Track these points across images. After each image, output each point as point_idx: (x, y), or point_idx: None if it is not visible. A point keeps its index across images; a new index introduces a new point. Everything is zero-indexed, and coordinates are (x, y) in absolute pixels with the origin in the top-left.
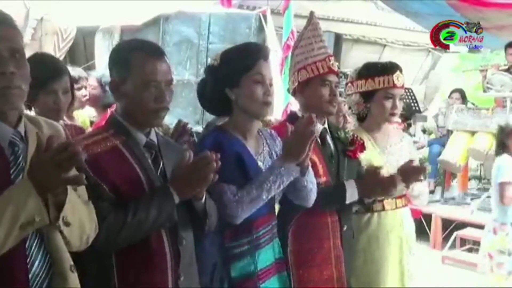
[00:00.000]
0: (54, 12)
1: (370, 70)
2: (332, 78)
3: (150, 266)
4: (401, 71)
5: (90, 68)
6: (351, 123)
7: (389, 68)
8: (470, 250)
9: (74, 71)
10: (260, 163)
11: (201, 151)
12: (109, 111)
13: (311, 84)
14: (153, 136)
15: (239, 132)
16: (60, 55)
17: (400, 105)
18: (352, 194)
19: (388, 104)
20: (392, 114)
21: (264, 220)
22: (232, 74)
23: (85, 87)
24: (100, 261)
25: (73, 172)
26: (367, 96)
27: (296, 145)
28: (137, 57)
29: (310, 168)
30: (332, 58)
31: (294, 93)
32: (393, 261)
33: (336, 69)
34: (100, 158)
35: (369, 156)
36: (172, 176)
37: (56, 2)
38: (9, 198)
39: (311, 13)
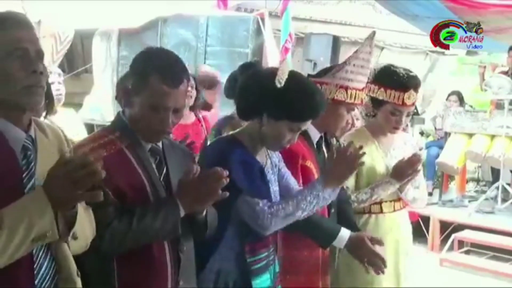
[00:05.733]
0: (52, 14)
1: (385, 79)
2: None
3: (151, 272)
4: (415, 89)
5: (87, 71)
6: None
7: (404, 84)
8: (468, 253)
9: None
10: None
11: (226, 167)
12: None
13: (337, 104)
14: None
15: (251, 144)
16: (57, 58)
17: (406, 120)
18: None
19: (394, 119)
20: (396, 128)
21: (275, 236)
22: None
23: (59, 82)
24: (101, 266)
25: None
26: (376, 102)
27: (343, 170)
28: (154, 81)
29: None
30: (365, 90)
31: None
32: (389, 263)
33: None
34: (106, 162)
35: (372, 159)
36: (179, 188)
37: (54, 5)
38: (24, 210)
39: (373, 33)
